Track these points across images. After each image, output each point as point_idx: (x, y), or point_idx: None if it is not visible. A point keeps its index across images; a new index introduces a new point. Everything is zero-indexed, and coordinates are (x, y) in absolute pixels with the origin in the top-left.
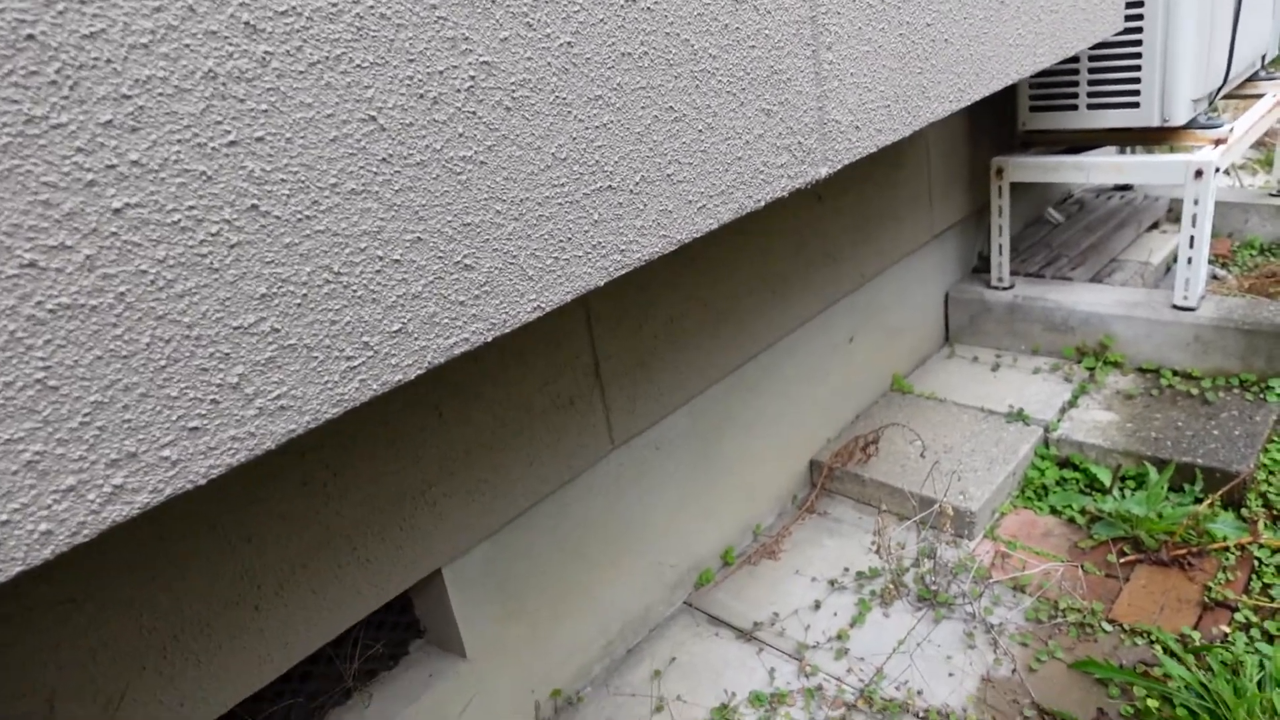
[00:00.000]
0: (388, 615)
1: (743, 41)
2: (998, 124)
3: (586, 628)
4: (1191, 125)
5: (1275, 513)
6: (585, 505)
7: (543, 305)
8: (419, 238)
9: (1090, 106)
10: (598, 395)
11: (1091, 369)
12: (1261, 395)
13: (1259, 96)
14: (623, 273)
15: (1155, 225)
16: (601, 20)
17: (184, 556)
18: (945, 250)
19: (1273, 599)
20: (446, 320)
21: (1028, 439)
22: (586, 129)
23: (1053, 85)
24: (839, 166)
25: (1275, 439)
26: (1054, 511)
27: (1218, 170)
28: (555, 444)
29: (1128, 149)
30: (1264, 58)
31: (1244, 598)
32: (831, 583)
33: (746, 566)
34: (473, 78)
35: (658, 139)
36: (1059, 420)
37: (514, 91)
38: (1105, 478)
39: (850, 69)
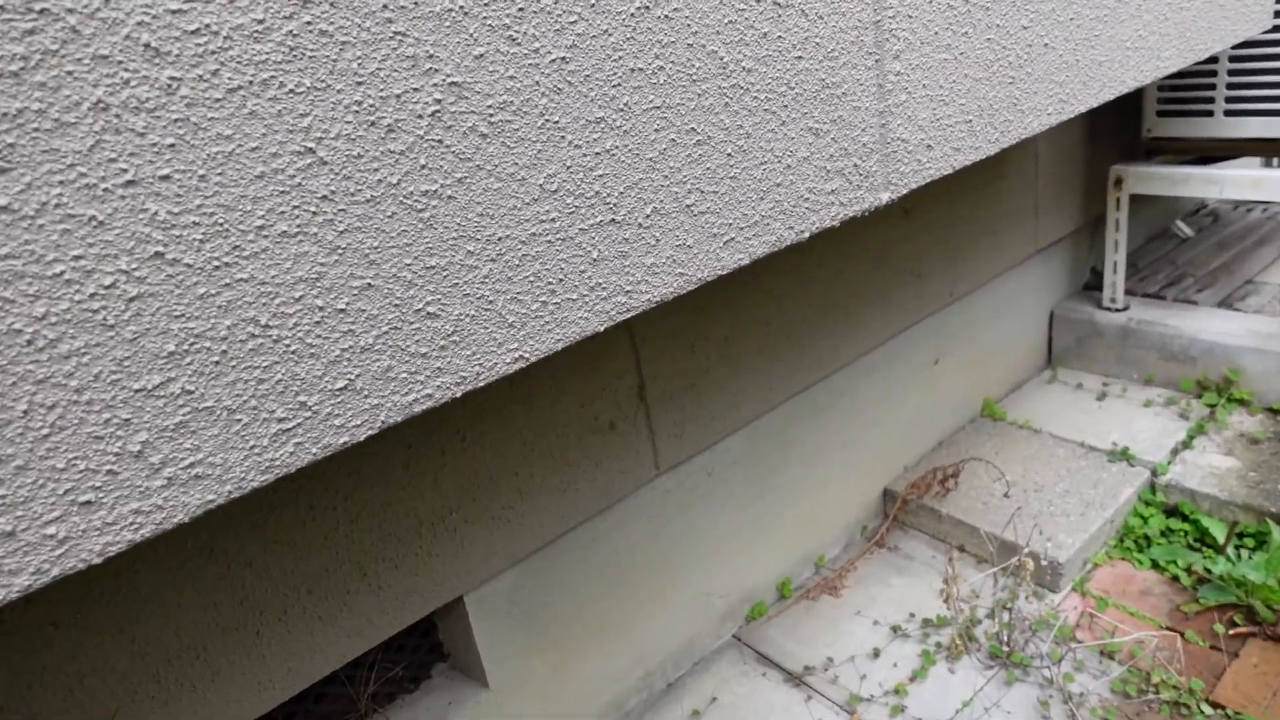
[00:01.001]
0: (409, 638)
1: (785, 52)
2: (1120, 127)
3: (622, 659)
4: None
5: None
6: (626, 532)
7: (526, 355)
8: (369, 284)
9: (1229, 113)
10: (642, 418)
11: (1212, 406)
12: None
13: None
14: (628, 316)
15: None
16: (605, 32)
17: (179, 581)
18: (1052, 265)
19: None
20: (404, 375)
21: (1131, 482)
22: (584, 156)
23: (1185, 88)
24: (904, 191)
25: None
26: (1156, 566)
27: None
28: (593, 469)
29: (1274, 160)
30: None
31: None
32: (894, 629)
33: (804, 601)
34: (439, 101)
35: (675, 165)
36: (1169, 463)
37: (491, 116)
38: (1219, 533)
39: (922, 80)
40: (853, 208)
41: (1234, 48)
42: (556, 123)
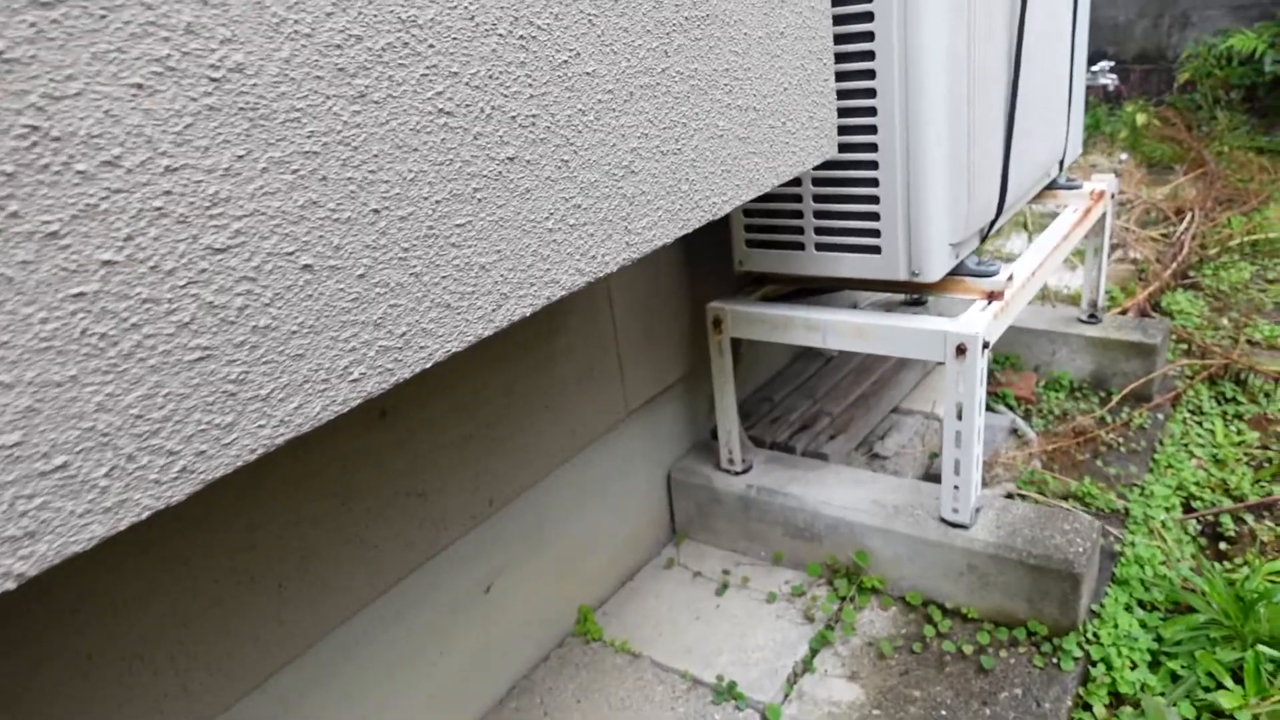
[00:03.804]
0: None
1: None
2: (721, 254)
3: None
4: (959, 271)
5: None
6: None
7: None
8: None
9: (820, 248)
10: None
11: (843, 599)
12: (1054, 659)
13: (1058, 212)
14: None
15: None
16: None
17: None
18: (660, 420)
19: None
20: None
21: None
22: None
23: (773, 215)
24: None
25: None
26: None
27: (987, 346)
28: None
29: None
30: (1061, 163)
31: None
32: None
33: None
34: None
35: None
36: (785, 699)
37: None
38: None
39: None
40: None
41: (818, 169)
42: None
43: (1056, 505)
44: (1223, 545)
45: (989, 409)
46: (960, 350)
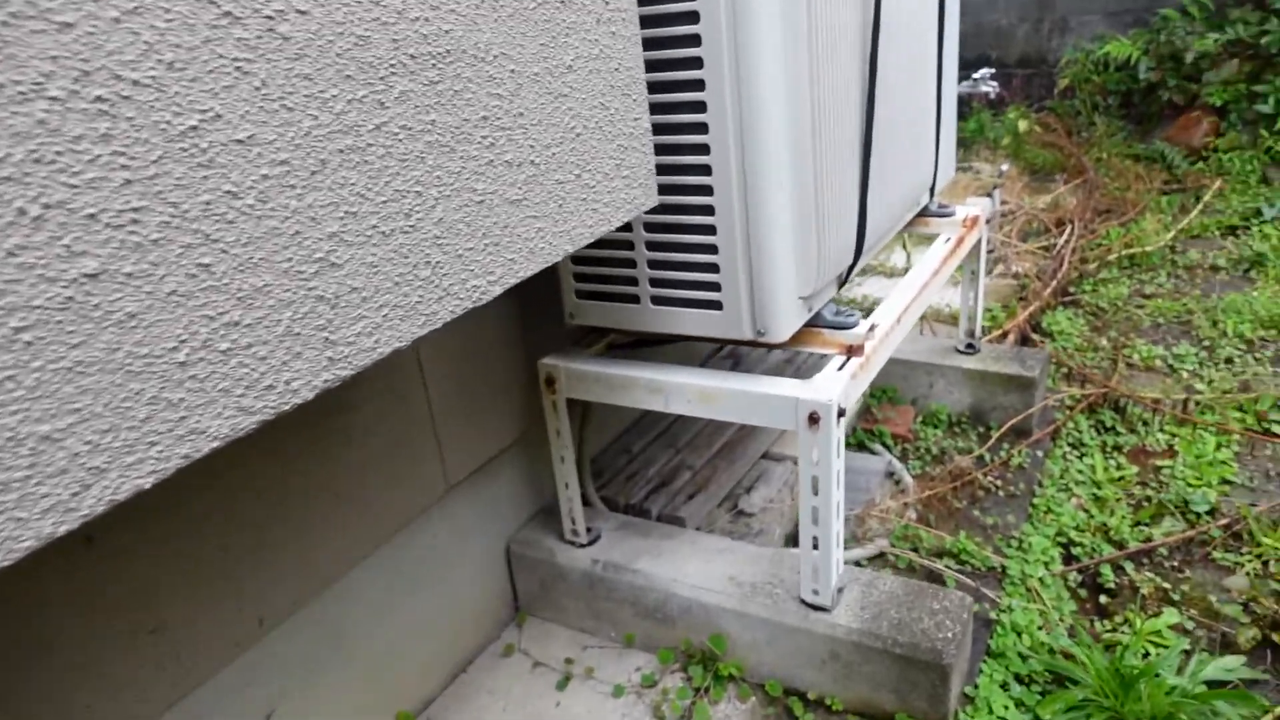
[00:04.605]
0: None
1: None
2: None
3: None
4: (816, 321)
5: None
6: None
7: None
8: None
9: (657, 301)
10: None
11: (698, 690)
12: None
13: (931, 239)
14: None
15: None
16: None
17: None
18: (495, 489)
19: None
20: None
21: None
22: None
23: (604, 264)
24: None
25: None
26: None
27: (843, 413)
28: None
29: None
30: (932, 189)
31: None
32: None
33: None
34: None
35: None
36: None
37: None
38: None
39: None
40: None
41: (648, 216)
42: None
43: (931, 567)
44: (1103, 599)
45: (865, 449)
46: (813, 419)
